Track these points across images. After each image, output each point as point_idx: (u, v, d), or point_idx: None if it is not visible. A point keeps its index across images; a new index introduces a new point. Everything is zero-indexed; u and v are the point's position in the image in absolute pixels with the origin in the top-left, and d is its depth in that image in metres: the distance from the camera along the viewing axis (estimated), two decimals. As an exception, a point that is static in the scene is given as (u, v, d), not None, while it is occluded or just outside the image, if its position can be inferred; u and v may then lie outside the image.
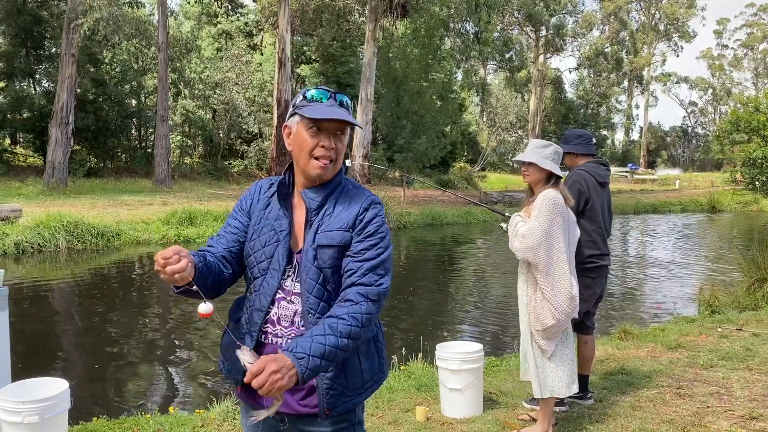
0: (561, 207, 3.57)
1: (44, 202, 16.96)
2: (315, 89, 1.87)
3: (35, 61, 28.09)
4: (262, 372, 1.57)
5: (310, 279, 1.82)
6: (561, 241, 3.55)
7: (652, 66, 64.26)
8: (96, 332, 7.69)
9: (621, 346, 5.72)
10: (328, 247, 1.82)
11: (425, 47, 30.81)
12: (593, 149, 4.39)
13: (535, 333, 3.60)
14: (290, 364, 1.62)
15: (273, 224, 1.89)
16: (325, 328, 1.71)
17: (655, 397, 4.37)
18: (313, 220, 1.86)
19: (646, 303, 9.79)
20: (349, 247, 1.82)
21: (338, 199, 1.88)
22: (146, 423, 4.05)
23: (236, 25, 35.47)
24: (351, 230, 1.83)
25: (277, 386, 1.58)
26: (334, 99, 1.87)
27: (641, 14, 63.38)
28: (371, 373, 1.92)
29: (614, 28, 58.08)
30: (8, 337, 3.71)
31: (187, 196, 20.90)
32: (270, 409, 1.70)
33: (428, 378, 4.78)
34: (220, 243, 1.97)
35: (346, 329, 1.71)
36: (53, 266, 11.62)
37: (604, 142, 62.67)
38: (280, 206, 1.90)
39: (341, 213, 1.85)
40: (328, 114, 1.81)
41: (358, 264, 1.80)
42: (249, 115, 30.84)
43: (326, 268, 1.82)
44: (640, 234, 21.08)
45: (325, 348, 1.67)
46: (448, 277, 12.14)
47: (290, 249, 1.88)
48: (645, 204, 29.70)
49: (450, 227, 20.63)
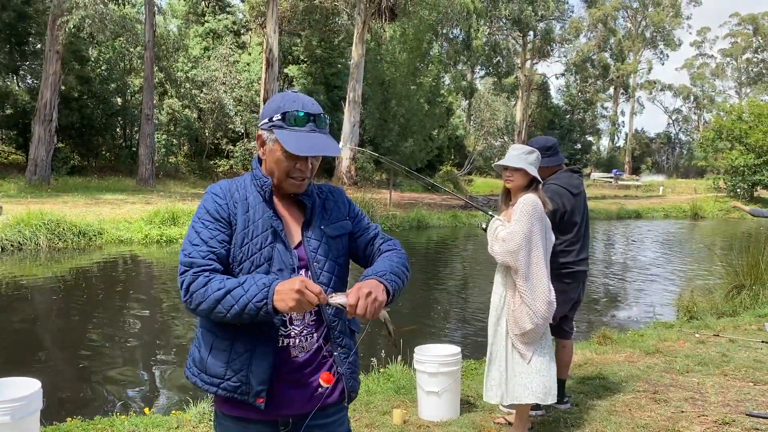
0: (540, 212, 3.58)
1: (26, 199, 16.78)
2: (296, 112, 1.82)
3: (19, 57, 27.79)
4: (359, 300, 1.69)
5: (326, 272, 1.90)
6: (540, 246, 3.56)
7: (638, 73, 64.86)
8: (75, 332, 7.62)
9: (599, 351, 5.76)
10: (339, 237, 1.97)
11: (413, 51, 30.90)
12: (563, 158, 4.37)
13: (513, 337, 3.61)
14: (376, 283, 1.76)
15: (266, 225, 1.85)
16: (384, 259, 1.94)
17: (631, 401, 4.40)
18: (311, 217, 1.94)
19: (627, 308, 9.87)
20: (354, 230, 2.03)
21: (325, 197, 2.03)
22: (121, 424, 4.01)
23: (224, 24, 35.34)
24: (348, 218, 2.02)
25: (377, 304, 1.71)
26: (314, 123, 1.84)
27: (628, 21, 63.99)
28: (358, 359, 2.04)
29: (601, 35, 58.54)
30: (-19, 336, 3.67)
31: (170, 196, 20.77)
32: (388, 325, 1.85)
33: (407, 380, 4.79)
34: (214, 261, 1.79)
35: (400, 259, 1.95)
36: (33, 264, 11.50)
37: (589, 148, 63.16)
38: (269, 207, 1.88)
39: (334, 207, 2.01)
40: (305, 151, 1.80)
41: (373, 233, 2.05)
42: (236, 115, 30.73)
43: (340, 256, 1.95)
44: (622, 239, 21.24)
45: (395, 267, 1.88)
46: (431, 280, 12.16)
47: (288, 246, 1.89)
48: (628, 210, 29.93)
49: (435, 230, 20.68)
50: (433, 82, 33.89)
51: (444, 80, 42.69)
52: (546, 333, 3.69)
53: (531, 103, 53.46)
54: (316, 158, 1.88)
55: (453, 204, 25.76)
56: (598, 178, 50.57)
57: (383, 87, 31.80)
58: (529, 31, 51.15)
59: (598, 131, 66.55)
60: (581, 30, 57.68)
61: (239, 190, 1.91)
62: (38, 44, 26.70)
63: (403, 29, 30.61)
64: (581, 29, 57.60)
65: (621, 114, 68.49)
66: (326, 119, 1.89)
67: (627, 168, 62.68)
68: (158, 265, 12.33)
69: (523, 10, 47.16)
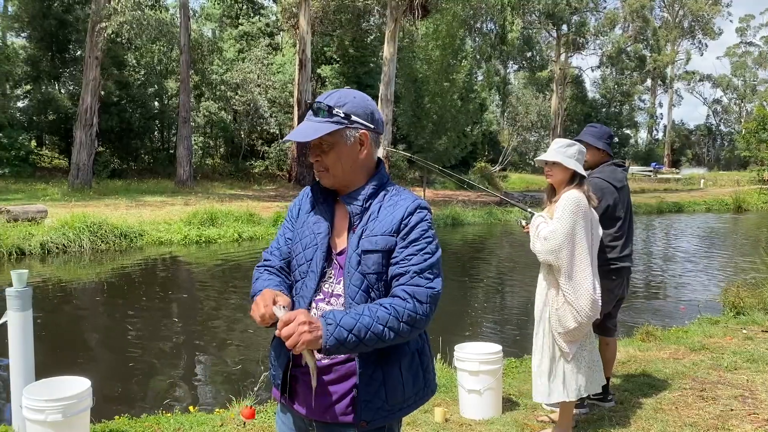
0: (584, 208, 3.50)
1: (69, 203, 17.22)
2: None
3: (60, 64, 28.56)
4: (291, 322, 1.60)
5: (353, 285, 1.78)
6: (584, 244, 3.48)
7: (676, 64, 63.42)
8: (119, 331, 7.78)
9: (643, 348, 5.65)
10: (372, 252, 1.78)
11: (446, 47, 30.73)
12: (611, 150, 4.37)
13: (556, 335, 3.56)
14: (319, 324, 1.62)
15: (312, 227, 1.89)
16: (364, 308, 1.69)
17: (677, 399, 4.31)
18: (356, 224, 1.84)
19: (670, 304, 9.66)
20: (393, 253, 1.79)
21: (383, 203, 1.85)
22: (167, 421, 4.09)
23: (257, 26, 35.71)
24: (395, 234, 1.79)
25: (302, 338, 1.58)
26: (313, 113, 1.85)
27: (665, 11, 62.62)
28: (414, 389, 1.85)
29: (637, 26, 57.39)
30: (32, 336, 3.77)
31: (208, 197, 21.09)
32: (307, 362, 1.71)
33: (447, 379, 4.77)
34: (275, 255, 1.98)
35: (384, 316, 1.67)
36: (77, 266, 11.79)
37: (627, 141, 62.04)
38: (318, 209, 1.91)
39: (386, 217, 1.81)
40: (288, 137, 1.85)
41: (404, 269, 1.76)
42: (270, 116, 31.04)
43: (370, 273, 1.78)
44: (663, 234, 20.80)
45: (357, 324, 1.64)
46: (469, 277, 12.10)
47: (330, 250, 1.87)
48: (669, 203, 29.28)
49: (470, 227, 20.55)
50: (466, 78, 33.68)
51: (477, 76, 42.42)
52: (589, 332, 3.64)
53: (566, 96, 52.74)
54: (324, 152, 1.83)
55: (488, 201, 25.57)
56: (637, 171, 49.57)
57: (416, 84, 31.73)
58: (563, 24, 50.46)
59: (635, 124, 65.31)
60: (616, 21, 56.62)
61: (316, 189, 1.96)
62: (78, 51, 27.40)
63: (435, 26, 30.47)
64: (616, 21, 56.53)
65: (659, 106, 67.18)
66: (324, 108, 1.81)
67: (666, 161, 61.37)
68: (198, 266, 12.53)
69: (557, 4, 46.54)
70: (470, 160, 37.60)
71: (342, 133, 1.81)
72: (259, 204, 19.55)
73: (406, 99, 31.26)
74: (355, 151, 1.84)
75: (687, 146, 70.28)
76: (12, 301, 3.64)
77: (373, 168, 1.91)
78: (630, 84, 59.31)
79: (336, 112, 1.80)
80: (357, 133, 1.84)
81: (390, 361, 1.80)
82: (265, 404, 4.36)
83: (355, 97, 1.86)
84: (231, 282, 10.84)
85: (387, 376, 1.79)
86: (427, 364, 1.91)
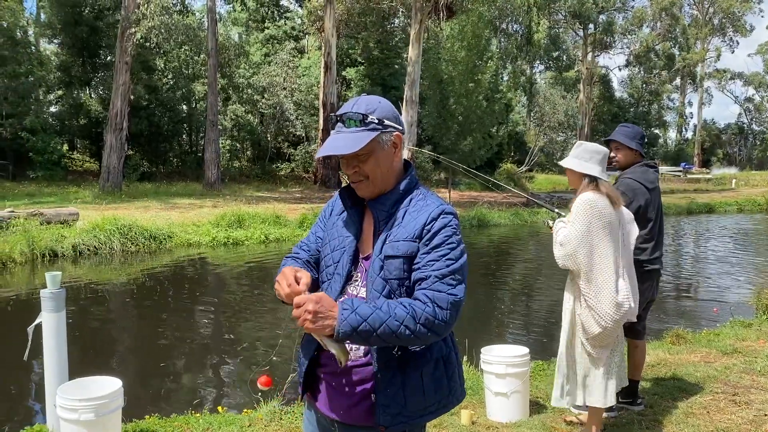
0: (599, 209, 3.41)
1: (100, 205, 17.52)
2: (332, 116, 1.89)
3: (91, 69, 29.11)
4: (301, 306, 1.62)
5: (375, 290, 1.79)
6: (604, 245, 3.41)
7: (706, 62, 62.27)
8: (148, 332, 7.91)
9: (673, 351, 5.57)
10: (394, 258, 1.78)
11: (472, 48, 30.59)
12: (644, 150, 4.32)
13: (583, 340, 3.52)
14: (333, 311, 1.63)
15: (341, 231, 1.93)
16: (383, 303, 1.68)
17: (708, 403, 4.24)
18: (381, 229, 1.85)
19: (700, 306, 9.50)
20: (416, 259, 1.77)
21: (408, 208, 1.84)
22: (196, 422, 4.14)
23: (283, 30, 35.98)
24: (418, 240, 1.78)
25: (305, 325, 1.62)
26: (342, 123, 1.83)
27: (694, 9, 61.54)
28: (437, 396, 1.83)
29: (666, 24, 56.51)
30: (66, 337, 3.85)
31: (236, 199, 21.30)
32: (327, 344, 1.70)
33: (473, 381, 4.75)
34: (303, 250, 2.03)
35: (402, 314, 1.66)
36: (108, 267, 11.99)
37: (656, 141, 61.12)
38: (348, 212, 1.94)
39: (409, 223, 1.81)
40: (319, 153, 1.87)
41: (426, 274, 1.75)
42: (296, 119, 31.24)
43: (392, 279, 1.78)
44: (693, 235, 20.45)
45: (373, 314, 1.64)
46: (495, 279, 12.03)
47: (357, 254, 1.89)
48: (699, 204, 28.77)
49: (496, 229, 20.43)
50: (492, 79, 33.50)
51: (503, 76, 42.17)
52: (619, 334, 3.60)
53: (593, 96, 52.15)
54: (361, 161, 1.82)
55: (514, 202, 25.40)
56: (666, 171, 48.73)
57: (441, 85, 31.65)
58: (590, 24, 49.92)
59: (664, 123, 64.28)
60: (644, 20, 55.82)
61: (344, 194, 1.99)
62: (108, 56, 27.87)
63: (460, 26, 30.37)
64: (644, 19, 55.73)
65: (688, 105, 66.00)
66: (357, 117, 1.80)
67: (696, 161, 60.25)
68: (226, 267, 12.66)
69: (583, 3, 46.08)
70: (496, 161, 37.37)
71: (378, 138, 1.82)
72: (285, 206, 19.69)
73: (431, 100, 31.20)
74: (390, 155, 1.86)
75: (718, 146, 68.88)
76: (46, 303, 3.73)
77: (402, 170, 1.92)
78: (659, 83, 58.41)
79: (371, 119, 1.81)
80: (391, 137, 1.85)
81: (410, 367, 1.79)
82: (293, 404, 4.39)
83: (380, 101, 1.87)
84: (258, 283, 10.93)
85: (407, 382, 1.78)
86: (452, 372, 1.90)
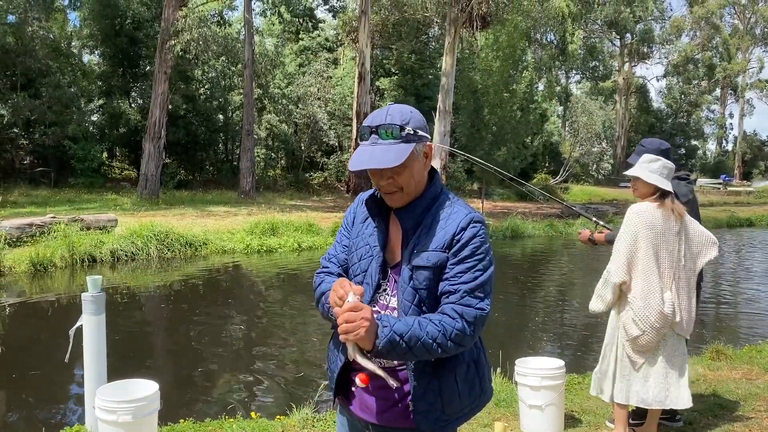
0: (647, 219, 3.50)
1: (137, 212, 17.88)
2: (363, 127, 1.82)
3: (131, 79, 29.79)
4: (358, 311, 1.64)
5: (406, 300, 1.79)
6: (650, 255, 3.49)
7: (748, 72, 60.89)
8: (183, 337, 8.01)
9: (713, 367, 5.43)
10: (424, 269, 1.78)
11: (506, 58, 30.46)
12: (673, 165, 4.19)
13: (624, 342, 3.61)
14: (373, 325, 1.65)
15: (368, 239, 1.91)
16: (414, 321, 1.71)
17: (750, 422, 4.12)
18: (409, 239, 1.84)
19: (741, 321, 9.25)
20: (444, 269, 1.78)
21: (435, 216, 1.83)
22: (230, 427, 4.18)
23: (317, 41, 36.33)
24: (447, 250, 1.78)
25: (359, 331, 1.63)
26: (377, 135, 1.79)
27: (735, 18, 60.32)
28: (470, 398, 1.89)
29: (706, 34, 55.47)
30: (105, 340, 3.92)
31: (270, 207, 21.51)
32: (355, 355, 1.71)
33: (507, 393, 4.70)
34: (332, 263, 2.01)
35: (433, 331, 1.69)
36: (145, 273, 12.21)
37: (694, 153, 59.96)
38: (374, 221, 1.92)
39: (438, 232, 1.80)
40: (355, 165, 1.77)
41: (454, 287, 1.76)
42: (329, 129, 31.48)
43: (421, 289, 1.79)
44: (734, 248, 19.96)
45: (409, 333, 1.67)
46: (529, 291, 11.91)
47: (385, 263, 1.87)
48: (740, 217, 28.09)
49: (530, 239, 20.24)
50: (527, 89, 33.27)
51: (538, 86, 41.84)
52: (666, 343, 3.55)
53: (630, 107, 51.42)
54: (395, 173, 1.79)
55: (549, 213, 25.14)
56: (705, 184, 47.77)
57: (475, 95, 31.54)
58: (627, 33, 49.31)
59: (703, 135, 63.00)
60: (683, 29, 54.91)
61: (370, 203, 1.96)
62: (148, 67, 28.48)
63: (495, 36, 30.27)
64: (683, 28, 54.83)
65: (729, 116, 64.53)
66: (395, 129, 1.77)
67: (737, 173, 58.84)
68: (259, 274, 12.78)
69: (620, 13, 45.55)
70: (530, 172, 37.07)
71: (414, 149, 1.80)
72: (318, 214, 19.82)
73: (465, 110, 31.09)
74: (422, 165, 1.85)
75: (759, 158, 67.14)
76: (87, 305, 3.81)
77: (427, 178, 1.91)
78: (698, 93, 57.31)
79: (408, 131, 1.79)
80: (424, 147, 1.85)
81: (445, 372, 1.82)
82: (325, 412, 4.40)
83: (411, 111, 1.85)
84: (291, 290, 11.01)
85: (443, 387, 1.81)
86: (483, 373, 1.93)
